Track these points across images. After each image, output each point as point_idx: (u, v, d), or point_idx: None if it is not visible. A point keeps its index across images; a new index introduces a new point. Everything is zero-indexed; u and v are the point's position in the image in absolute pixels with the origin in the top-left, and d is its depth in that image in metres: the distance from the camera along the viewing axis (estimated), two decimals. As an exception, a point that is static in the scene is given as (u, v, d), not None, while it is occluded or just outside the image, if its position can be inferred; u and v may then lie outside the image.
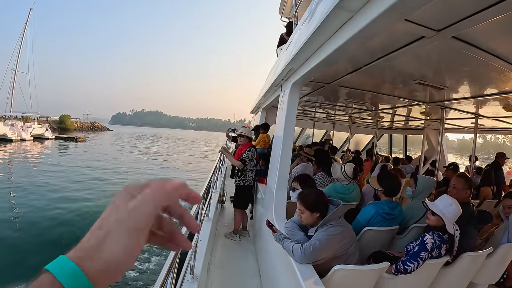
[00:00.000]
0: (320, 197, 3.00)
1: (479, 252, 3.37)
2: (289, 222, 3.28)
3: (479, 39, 2.57)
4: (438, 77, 4.05)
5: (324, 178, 5.70)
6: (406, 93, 5.41)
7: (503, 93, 4.31)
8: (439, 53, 3.11)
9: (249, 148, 5.96)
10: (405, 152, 14.50)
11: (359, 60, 3.58)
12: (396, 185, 3.77)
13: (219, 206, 7.28)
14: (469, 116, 6.82)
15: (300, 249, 2.72)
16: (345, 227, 2.91)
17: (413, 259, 2.88)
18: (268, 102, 7.97)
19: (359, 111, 8.82)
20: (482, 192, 6.73)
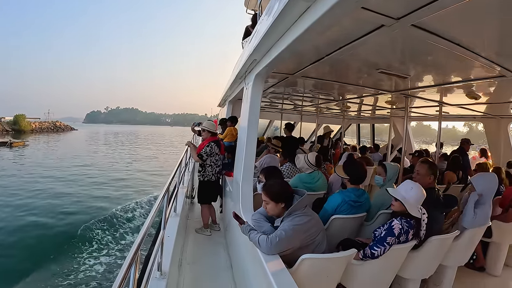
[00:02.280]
0: (284, 187, 3.01)
1: (446, 236, 3.48)
2: (255, 213, 3.28)
3: (440, 27, 2.62)
4: (401, 66, 4.12)
5: (291, 169, 5.76)
6: (371, 83, 5.49)
7: (466, 80, 4.43)
8: (401, 42, 3.16)
9: (208, 143, 5.91)
10: (373, 140, 14.88)
11: (321, 50, 3.58)
12: (362, 173, 3.84)
13: (188, 201, 7.21)
14: (433, 104, 7.03)
15: (266, 240, 2.73)
16: (311, 216, 2.93)
17: (380, 243, 2.96)
18: (234, 95, 7.95)
19: (326, 102, 8.91)
20: (447, 176, 6.96)
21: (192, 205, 7.52)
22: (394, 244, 2.98)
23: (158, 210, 3.08)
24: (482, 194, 4.05)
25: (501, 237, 4.88)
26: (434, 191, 3.68)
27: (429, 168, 3.79)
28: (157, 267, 3.30)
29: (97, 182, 23.14)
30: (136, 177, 26.12)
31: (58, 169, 27.94)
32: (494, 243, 4.95)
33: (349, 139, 17.07)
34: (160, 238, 3.31)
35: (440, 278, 3.96)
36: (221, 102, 12.12)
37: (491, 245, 5.01)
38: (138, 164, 34.70)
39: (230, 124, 7.88)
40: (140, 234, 2.38)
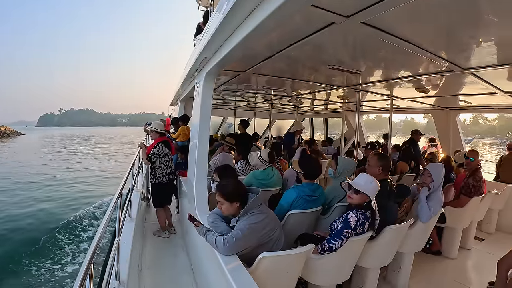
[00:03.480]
0: (238, 186, 2.96)
1: (401, 225, 3.60)
2: (211, 214, 3.21)
3: (389, 25, 2.65)
4: (352, 62, 4.17)
5: (245, 166, 5.72)
6: (324, 78, 5.53)
7: (415, 75, 4.56)
8: (352, 39, 3.17)
9: (156, 144, 5.74)
10: (326, 134, 15.13)
11: (272, 47, 3.55)
12: (316, 168, 3.86)
13: (144, 204, 7.02)
14: (384, 98, 7.19)
15: (223, 241, 2.67)
16: (267, 214, 2.90)
17: (337, 236, 2.97)
18: (186, 93, 7.80)
19: (279, 98, 8.95)
20: (399, 167, 7.20)
21: (149, 207, 7.34)
22: (351, 236, 3.01)
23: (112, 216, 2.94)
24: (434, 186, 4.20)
25: (455, 222, 5.13)
26: (387, 182, 3.75)
27: (378, 160, 3.86)
28: (114, 276, 3.16)
29: (51, 189, 21.85)
30: (95, 181, 24.96)
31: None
32: (449, 227, 5.19)
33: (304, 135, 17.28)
34: (116, 246, 3.16)
35: (398, 264, 4.09)
36: (173, 101, 11.88)
37: (445, 230, 5.24)
38: (91, 168, 32.86)
39: (182, 123, 7.70)
40: (93, 245, 2.27)
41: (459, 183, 5.58)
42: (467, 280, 4.54)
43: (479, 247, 5.84)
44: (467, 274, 4.86)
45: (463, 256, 5.34)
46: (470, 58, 3.55)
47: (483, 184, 5.46)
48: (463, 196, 5.26)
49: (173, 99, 11.44)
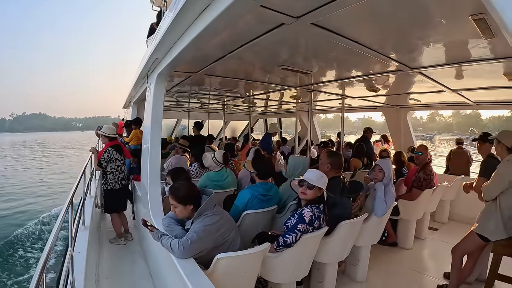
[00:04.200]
0: (191, 189, 2.92)
1: (355, 219, 3.67)
2: (165, 218, 3.15)
3: (339, 26, 2.70)
4: (304, 63, 4.22)
5: (199, 169, 5.65)
6: (276, 79, 5.57)
7: (366, 75, 4.69)
8: (303, 40, 3.21)
9: (106, 149, 5.52)
10: (280, 134, 15.16)
11: (224, 47, 3.53)
12: (269, 168, 3.90)
13: (99, 211, 6.78)
14: (336, 97, 7.36)
15: (178, 245, 2.62)
16: (221, 215, 2.88)
17: (291, 231, 2.99)
18: (138, 96, 7.61)
19: (233, 98, 8.96)
20: (352, 163, 7.43)
21: (104, 214, 7.07)
22: (306, 230, 3.03)
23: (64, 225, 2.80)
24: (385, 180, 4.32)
25: (408, 214, 5.32)
26: (339, 179, 3.81)
27: (327, 157, 3.91)
28: (70, 287, 3.00)
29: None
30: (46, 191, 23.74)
31: None
32: (403, 220, 5.37)
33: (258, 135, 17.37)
34: (69, 256, 3.02)
35: (356, 258, 4.17)
36: (126, 104, 11.54)
37: (400, 222, 5.43)
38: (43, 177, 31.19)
39: (135, 127, 7.49)
40: (43, 256, 2.16)
41: (410, 177, 5.77)
42: (423, 268, 4.71)
43: (433, 236, 6.08)
44: (423, 262, 5.04)
45: (419, 246, 5.54)
46: (418, 58, 3.69)
47: (434, 177, 5.66)
48: (415, 189, 5.44)
49: (126, 102, 11.14)
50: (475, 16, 2.26)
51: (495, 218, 3.37)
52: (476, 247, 3.62)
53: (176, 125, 15.90)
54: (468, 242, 3.64)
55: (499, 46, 3.02)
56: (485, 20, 2.31)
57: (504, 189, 3.34)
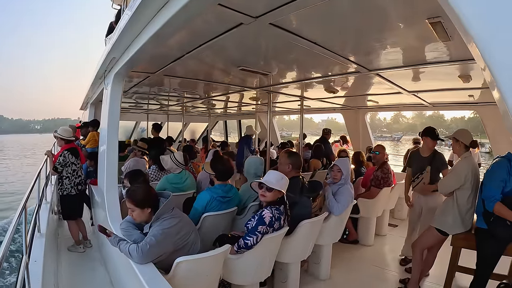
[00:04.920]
0: (148, 191, 2.83)
1: (315, 219, 3.71)
2: (123, 222, 3.03)
3: (298, 27, 2.71)
4: (263, 64, 4.21)
5: (157, 172, 5.53)
6: (236, 80, 5.55)
7: (325, 76, 4.75)
8: (262, 40, 3.21)
9: (62, 153, 5.26)
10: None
11: (182, 47, 3.48)
12: (228, 169, 3.86)
13: (56, 217, 6.50)
14: (295, 98, 7.43)
15: (137, 250, 2.53)
16: (180, 217, 2.81)
17: (252, 233, 2.97)
18: (95, 96, 7.39)
19: (192, 100, 8.85)
20: (312, 164, 7.56)
21: (61, 221, 6.78)
22: (266, 232, 3.03)
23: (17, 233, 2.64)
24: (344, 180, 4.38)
25: (368, 212, 5.45)
26: (299, 179, 3.84)
27: (288, 157, 3.93)
28: None
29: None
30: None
31: None
32: (363, 217, 5.49)
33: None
34: (24, 265, 2.84)
35: (318, 256, 4.22)
36: (83, 105, 11.18)
37: (360, 220, 5.55)
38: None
39: (92, 129, 7.24)
40: None
41: (368, 176, 5.92)
42: (384, 264, 4.87)
43: (393, 233, 6.29)
44: (384, 258, 5.20)
45: (379, 243, 5.70)
46: (375, 60, 3.77)
47: (392, 176, 5.84)
48: (374, 188, 5.59)
49: (83, 103, 10.77)
50: (432, 19, 2.33)
51: (453, 213, 3.55)
52: (435, 241, 3.78)
53: (135, 128, 15.64)
54: (428, 237, 3.78)
55: (455, 48, 3.13)
56: (441, 24, 2.38)
57: (461, 185, 3.51)
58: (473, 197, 3.54)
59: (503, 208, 2.98)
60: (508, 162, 3.09)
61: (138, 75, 5.00)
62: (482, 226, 3.21)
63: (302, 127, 7.83)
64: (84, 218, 5.77)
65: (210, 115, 12.52)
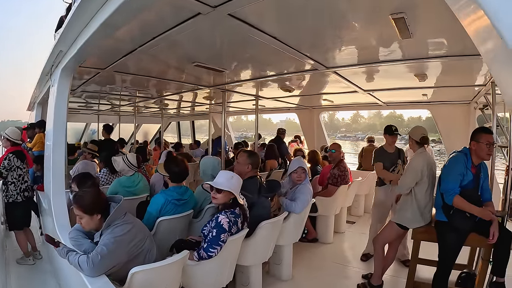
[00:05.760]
0: (97, 196, 2.61)
1: (275, 219, 3.64)
2: (72, 230, 2.80)
3: (257, 20, 2.62)
4: (218, 59, 4.09)
5: (109, 175, 5.25)
6: (189, 78, 5.41)
7: (282, 74, 4.69)
8: (219, 34, 3.10)
9: (7, 156, 4.87)
10: (193, 137, 15.21)
11: (133, 40, 3.30)
12: (182, 170, 3.71)
13: (2, 228, 6.05)
14: (250, 98, 7.39)
15: (87, 261, 2.29)
16: (133, 223, 2.61)
17: (215, 244, 2.82)
18: (42, 95, 6.96)
19: (144, 100, 8.59)
20: (268, 164, 7.53)
21: (8, 232, 6.31)
22: (228, 237, 2.92)
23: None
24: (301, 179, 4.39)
25: (326, 210, 5.48)
26: (256, 178, 3.79)
27: (248, 157, 3.86)
28: None
29: None
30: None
31: None
32: (321, 216, 5.51)
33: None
34: None
35: (279, 257, 4.16)
36: (30, 105, 10.53)
37: (318, 218, 5.57)
38: None
39: (38, 131, 6.79)
40: None
41: (325, 174, 5.97)
42: (344, 260, 4.93)
43: (351, 229, 6.41)
44: (344, 254, 5.28)
45: (338, 240, 5.77)
46: (334, 57, 3.77)
47: (348, 173, 5.91)
48: (331, 186, 5.63)
49: (30, 104, 10.14)
50: (395, 15, 2.32)
51: (411, 208, 3.63)
52: (396, 235, 3.85)
53: (85, 129, 15.04)
54: (388, 231, 3.85)
55: (414, 47, 3.19)
56: (404, 20, 2.37)
57: (418, 180, 3.60)
58: (430, 191, 3.65)
59: (462, 201, 3.08)
60: (465, 156, 3.21)
61: (88, 71, 4.74)
62: (442, 219, 3.30)
63: (257, 127, 7.77)
64: (32, 228, 5.38)
65: (163, 116, 12.22)
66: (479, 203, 3.18)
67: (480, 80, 4.66)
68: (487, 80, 4.47)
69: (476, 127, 3.71)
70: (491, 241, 3.02)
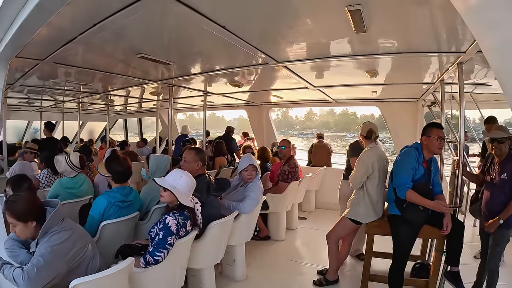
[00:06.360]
0: (31, 201, 2.37)
1: (225, 218, 3.55)
2: (7, 240, 2.55)
3: (205, 6, 2.47)
4: (165, 51, 3.88)
5: (50, 176, 4.88)
6: (136, 72, 5.13)
7: (231, 68, 4.54)
8: (166, 22, 2.90)
9: None
10: (141, 134, 14.81)
11: (73, 26, 3.00)
12: (125, 169, 3.50)
13: None
14: (198, 94, 7.17)
15: (22, 275, 2.06)
16: (73, 229, 2.40)
17: (161, 247, 2.65)
18: None
19: (89, 95, 8.10)
20: (217, 162, 7.42)
21: None
22: (175, 241, 2.76)
23: None
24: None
25: (277, 207, 5.46)
26: (205, 177, 3.67)
27: (196, 154, 3.73)
28: None
29: None
30: None
31: None
32: (273, 213, 5.48)
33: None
34: None
35: (232, 257, 4.09)
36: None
37: (270, 216, 5.55)
38: None
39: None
40: None
41: (275, 171, 5.97)
42: (298, 257, 4.97)
43: (303, 225, 6.48)
44: (298, 251, 5.34)
45: (291, 236, 5.79)
46: (285, 50, 3.67)
47: (299, 169, 5.94)
48: (281, 183, 5.64)
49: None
50: (352, 7, 2.26)
51: (364, 203, 3.68)
52: (349, 231, 3.91)
53: (27, 128, 14.08)
54: (342, 227, 3.88)
55: (367, 42, 3.16)
56: (360, 12, 2.32)
57: (369, 175, 3.65)
58: (381, 185, 3.73)
59: (415, 194, 3.14)
60: (416, 151, 3.27)
61: (27, 63, 4.32)
62: (395, 212, 3.34)
63: (205, 124, 7.68)
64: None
65: (109, 113, 11.67)
66: (431, 196, 3.27)
67: (428, 78, 4.79)
68: (436, 78, 4.60)
69: (427, 123, 3.79)
70: (445, 232, 3.15)
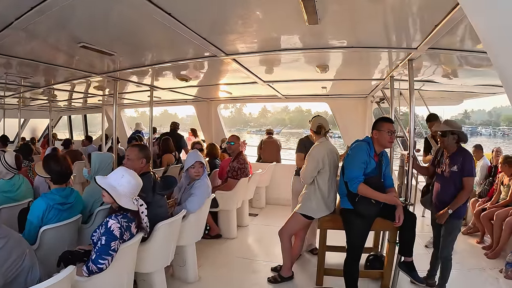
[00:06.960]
0: None
1: (173, 218, 3.38)
2: None
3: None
4: (107, 40, 3.62)
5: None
6: (79, 64, 4.82)
7: (179, 60, 4.39)
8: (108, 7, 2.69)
9: None
10: (86, 132, 14.14)
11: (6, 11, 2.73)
12: (65, 169, 3.26)
13: None
14: (145, 88, 6.93)
15: None
16: (8, 237, 2.13)
17: (105, 254, 2.43)
18: None
19: (30, 89, 7.58)
20: (165, 159, 7.32)
21: None
22: (120, 245, 2.55)
23: None
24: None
25: (227, 204, 5.40)
26: (150, 175, 3.51)
27: (140, 151, 3.52)
28: None
29: None
30: None
31: None
32: (223, 210, 5.41)
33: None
34: None
35: (182, 258, 3.95)
36: None
37: (220, 213, 5.47)
38: None
39: None
40: None
41: (224, 167, 5.90)
42: (250, 254, 4.93)
43: (254, 222, 6.47)
44: (251, 248, 5.31)
45: (243, 234, 5.75)
46: (235, 42, 3.57)
47: (248, 166, 5.89)
48: (231, 179, 5.56)
49: None
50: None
51: (315, 198, 3.69)
52: (301, 226, 3.92)
53: None
54: (294, 222, 3.87)
55: (319, 34, 3.15)
56: (314, 3, 2.26)
57: (320, 169, 3.67)
58: (332, 180, 3.76)
59: (367, 188, 3.18)
60: (368, 145, 3.31)
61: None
62: (348, 206, 3.37)
63: (152, 120, 7.36)
64: None
65: (52, 109, 11.00)
66: (383, 189, 3.34)
67: (378, 74, 4.90)
68: (386, 74, 4.70)
69: (377, 118, 3.87)
70: (397, 224, 3.21)
